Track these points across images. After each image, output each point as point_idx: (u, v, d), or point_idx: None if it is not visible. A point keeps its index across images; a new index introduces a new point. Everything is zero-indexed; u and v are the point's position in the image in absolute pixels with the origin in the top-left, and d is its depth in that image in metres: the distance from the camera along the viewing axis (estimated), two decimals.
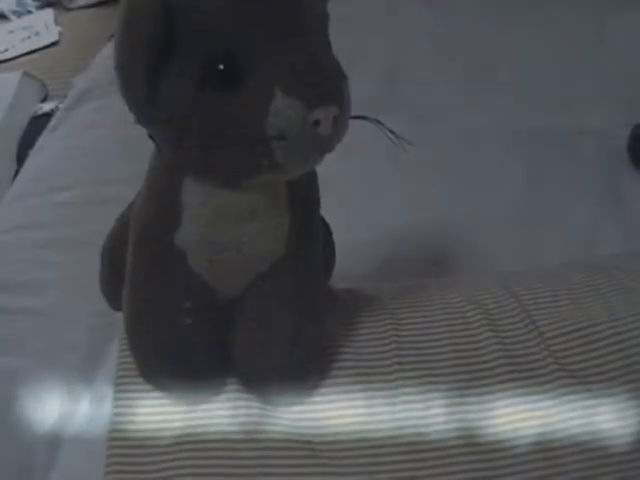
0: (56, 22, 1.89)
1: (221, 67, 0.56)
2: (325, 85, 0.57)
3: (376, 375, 0.78)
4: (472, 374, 0.78)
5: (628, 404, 0.76)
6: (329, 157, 0.62)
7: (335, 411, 0.76)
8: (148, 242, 0.70)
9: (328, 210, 0.76)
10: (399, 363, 0.78)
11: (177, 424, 0.75)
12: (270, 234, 0.68)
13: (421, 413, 0.75)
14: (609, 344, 0.79)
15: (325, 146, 0.59)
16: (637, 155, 1.27)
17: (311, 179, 0.71)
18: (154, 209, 0.69)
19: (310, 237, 0.73)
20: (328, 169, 0.69)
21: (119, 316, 0.86)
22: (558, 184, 1.24)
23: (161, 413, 0.76)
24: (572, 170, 1.26)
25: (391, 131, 0.66)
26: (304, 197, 0.71)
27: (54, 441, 0.85)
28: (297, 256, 0.71)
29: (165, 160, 0.66)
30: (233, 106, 0.57)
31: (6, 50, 1.81)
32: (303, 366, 0.75)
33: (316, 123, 0.56)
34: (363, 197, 1.20)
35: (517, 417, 0.75)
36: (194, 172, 0.64)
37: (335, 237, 0.83)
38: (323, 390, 0.77)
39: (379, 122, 0.65)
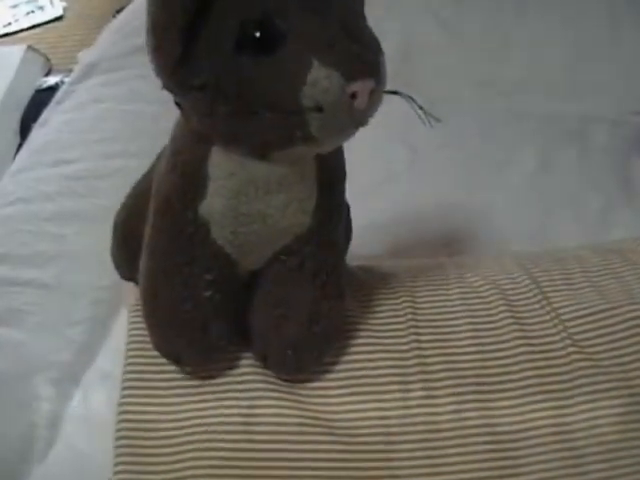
0: None
1: (257, 34, 0.54)
2: (364, 57, 0.55)
3: (393, 353, 0.77)
4: (489, 354, 0.77)
5: None
6: None
7: (350, 388, 0.75)
8: (170, 213, 0.69)
9: None
10: (417, 341, 0.78)
11: (189, 405, 0.74)
12: (297, 206, 0.67)
13: (437, 392, 0.74)
14: (627, 328, 0.79)
15: (360, 120, 0.58)
16: None
17: (339, 154, 0.70)
18: (178, 179, 0.67)
19: (335, 212, 0.72)
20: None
21: (126, 291, 0.85)
22: (570, 169, 1.23)
23: (173, 395, 0.75)
24: (584, 156, 1.25)
25: (420, 107, 0.65)
26: (332, 171, 0.70)
27: (56, 416, 0.85)
28: (321, 230, 0.70)
29: (192, 129, 0.64)
30: (269, 73, 0.55)
31: (9, 24, 1.80)
32: (321, 342, 0.74)
33: (353, 96, 0.54)
34: (375, 178, 1.18)
35: (533, 398, 0.74)
36: (223, 142, 0.62)
37: None
38: (339, 367, 0.76)
39: (411, 98, 0.64)
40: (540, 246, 1.06)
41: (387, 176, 1.20)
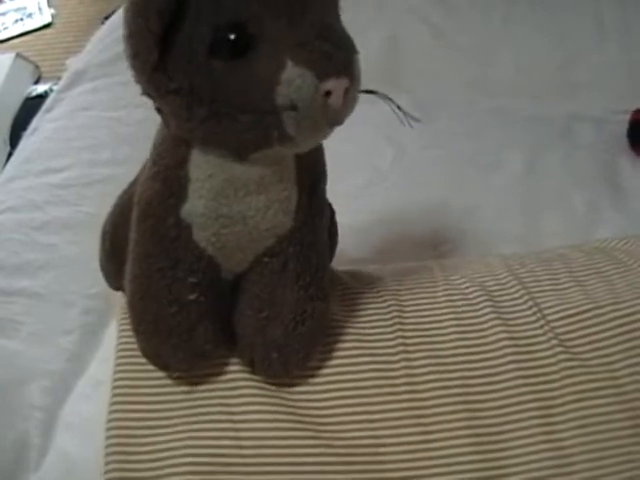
0: (49, 4, 1.88)
1: (231, 38, 0.56)
2: (337, 56, 0.56)
3: (380, 356, 0.77)
4: (476, 356, 0.77)
5: (630, 387, 0.75)
6: (327, 139, 0.62)
7: (338, 392, 0.75)
8: (152, 217, 0.69)
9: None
10: (403, 344, 0.78)
11: (177, 411, 0.74)
12: (278, 207, 0.68)
13: (424, 395, 0.75)
14: (612, 327, 0.79)
15: (335, 118, 0.58)
16: (636, 141, 1.27)
17: (318, 154, 0.71)
18: (159, 184, 0.68)
19: (317, 212, 0.73)
20: (326, 151, 0.68)
21: (116, 299, 0.85)
22: (556, 169, 1.24)
23: (162, 401, 0.75)
24: (571, 156, 1.26)
25: (399, 107, 0.66)
26: (311, 171, 0.70)
27: (49, 424, 0.85)
28: (304, 230, 0.71)
29: (172, 133, 0.65)
30: (243, 75, 0.56)
31: None
32: (306, 343, 0.74)
33: (327, 94, 0.56)
34: (361, 179, 1.19)
35: (520, 399, 0.74)
36: (202, 144, 0.63)
37: None
38: (326, 371, 0.76)
39: (388, 98, 0.65)
40: (527, 245, 1.07)
41: (373, 177, 1.21)
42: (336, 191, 0.76)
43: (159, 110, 0.64)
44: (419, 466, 0.71)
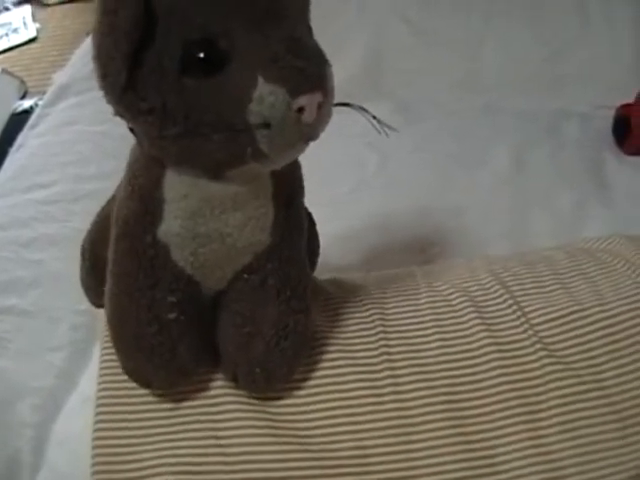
0: (34, 18, 1.87)
1: (201, 55, 0.55)
2: (308, 71, 0.56)
3: (364, 366, 0.77)
4: (460, 362, 0.77)
5: (616, 389, 0.75)
6: (309, 145, 0.61)
7: (323, 404, 0.75)
8: (130, 237, 0.69)
9: (309, 200, 0.75)
10: (387, 353, 0.77)
11: (161, 428, 0.74)
12: (255, 224, 0.68)
13: (409, 404, 0.74)
14: (597, 329, 0.79)
15: (309, 134, 0.58)
16: (621, 137, 1.28)
17: (294, 169, 0.70)
18: (135, 204, 0.67)
19: (295, 227, 0.72)
20: (308, 158, 0.68)
21: (101, 317, 0.85)
22: (543, 167, 1.24)
23: (145, 418, 0.75)
24: (556, 153, 1.27)
25: (374, 117, 0.65)
26: (288, 187, 0.70)
27: (40, 441, 0.85)
28: (282, 246, 0.71)
29: (145, 153, 0.65)
30: (214, 93, 0.56)
31: None
32: (289, 358, 0.74)
33: (300, 110, 0.55)
34: (345, 185, 1.19)
35: (506, 405, 0.74)
36: (175, 164, 0.63)
37: (318, 227, 0.82)
38: (310, 383, 0.76)
39: (363, 109, 0.64)
40: (515, 244, 1.07)
41: (358, 185, 1.21)
42: (320, 199, 0.76)
43: (132, 130, 0.63)
44: (406, 475, 0.71)
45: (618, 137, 1.29)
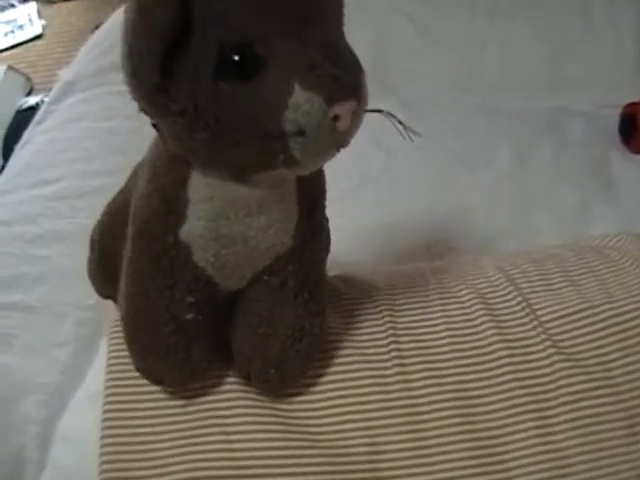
0: (39, 15, 1.87)
1: (236, 58, 0.54)
2: (344, 79, 0.55)
3: (374, 363, 0.77)
4: (470, 359, 0.77)
5: (625, 387, 0.75)
6: None
7: (333, 401, 0.75)
8: (150, 236, 0.68)
9: None
10: (397, 350, 0.77)
11: (171, 425, 0.74)
12: (278, 227, 0.67)
13: (419, 400, 0.74)
14: (607, 326, 0.79)
15: (342, 141, 0.58)
16: (628, 135, 1.27)
17: (318, 172, 0.69)
18: (156, 203, 0.66)
19: (316, 229, 0.72)
20: None
21: (107, 313, 0.85)
22: (546, 165, 1.24)
23: (155, 415, 0.74)
24: (561, 151, 1.26)
25: (400, 122, 0.64)
26: (312, 190, 0.70)
27: (46, 438, 0.84)
28: (303, 248, 0.70)
29: (169, 151, 0.63)
30: (249, 99, 0.55)
31: None
32: (303, 359, 0.74)
33: (335, 118, 0.54)
34: (352, 183, 1.19)
35: (516, 401, 0.74)
36: (202, 166, 0.62)
37: None
38: (321, 380, 0.76)
39: (391, 115, 0.63)
40: (520, 242, 1.07)
41: (364, 180, 1.21)
42: (328, 194, 0.76)
43: (155, 126, 0.62)
44: (416, 472, 0.71)
45: (624, 136, 1.28)
